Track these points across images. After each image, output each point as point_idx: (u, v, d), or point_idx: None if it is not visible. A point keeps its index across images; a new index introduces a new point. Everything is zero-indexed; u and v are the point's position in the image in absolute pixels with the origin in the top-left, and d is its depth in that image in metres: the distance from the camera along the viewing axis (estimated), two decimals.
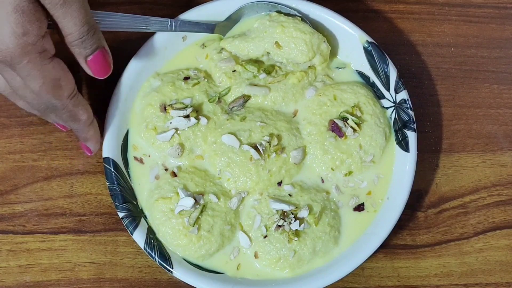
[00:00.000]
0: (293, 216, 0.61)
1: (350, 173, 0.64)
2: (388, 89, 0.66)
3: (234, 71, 0.66)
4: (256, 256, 0.62)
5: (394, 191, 0.64)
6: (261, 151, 0.62)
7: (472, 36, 0.73)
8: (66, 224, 0.64)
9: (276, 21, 0.65)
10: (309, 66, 0.66)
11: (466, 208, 0.68)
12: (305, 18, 0.66)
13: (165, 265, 0.60)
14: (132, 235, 0.60)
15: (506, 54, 0.73)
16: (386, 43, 0.68)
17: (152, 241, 0.61)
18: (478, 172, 0.69)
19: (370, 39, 0.66)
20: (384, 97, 0.67)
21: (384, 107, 0.67)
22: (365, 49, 0.66)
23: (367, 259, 0.61)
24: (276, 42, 0.65)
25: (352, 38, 0.66)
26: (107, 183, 0.61)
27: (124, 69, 0.64)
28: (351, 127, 0.64)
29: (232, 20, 0.67)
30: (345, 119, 0.64)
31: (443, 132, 0.70)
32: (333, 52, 0.67)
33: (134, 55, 0.64)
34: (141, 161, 0.64)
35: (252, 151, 0.62)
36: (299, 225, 0.61)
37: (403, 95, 0.65)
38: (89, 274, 0.63)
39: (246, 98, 0.65)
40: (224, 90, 0.66)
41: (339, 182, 0.65)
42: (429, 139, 0.70)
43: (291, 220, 0.61)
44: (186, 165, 0.64)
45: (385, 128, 0.65)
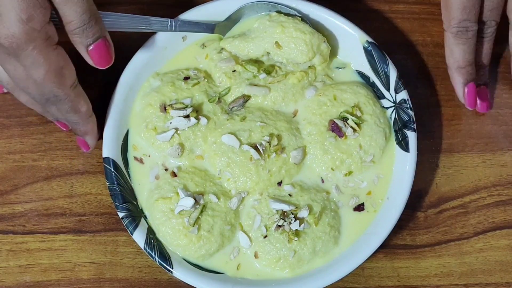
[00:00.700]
0: (293, 216, 0.61)
1: (350, 173, 0.64)
2: (388, 89, 0.66)
3: (234, 71, 0.66)
4: (256, 256, 0.62)
5: (394, 191, 0.64)
6: (261, 151, 0.62)
7: None
8: (66, 224, 0.64)
9: (276, 21, 0.65)
10: (309, 66, 0.66)
11: (466, 208, 0.68)
12: (305, 18, 0.66)
13: (165, 265, 0.60)
14: (132, 235, 0.60)
15: (506, 54, 0.73)
16: (386, 43, 0.68)
17: (152, 241, 0.61)
18: (478, 172, 0.69)
19: (370, 39, 0.66)
20: (384, 97, 0.67)
21: (384, 107, 0.66)
22: (365, 49, 0.66)
23: (367, 259, 0.61)
24: (276, 42, 0.65)
25: (352, 38, 0.66)
26: (107, 183, 0.61)
27: (124, 69, 0.64)
28: (351, 127, 0.64)
29: (232, 20, 0.67)
30: (345, 119, 0.64)
31: (443, 132, 0.70)
32: (333, 52, 0.67)
33: (134, 55, 0.64)
34: (141, 161, 0.64)
35: (252, 151, 0.62)
36: (299, 225, 0.61)
37: (403, 95, 0.65)
38: (89, 274, 0.63)
39: (246, 98, 0.65)
40: (224, 90, 0.65)
41: (339, 182, 0.65)
42: (429, 139, 0.69)
43: (291, 220, 0.61)
44: (186, 165, 0.64)
45: (385, 128, 0.65)
